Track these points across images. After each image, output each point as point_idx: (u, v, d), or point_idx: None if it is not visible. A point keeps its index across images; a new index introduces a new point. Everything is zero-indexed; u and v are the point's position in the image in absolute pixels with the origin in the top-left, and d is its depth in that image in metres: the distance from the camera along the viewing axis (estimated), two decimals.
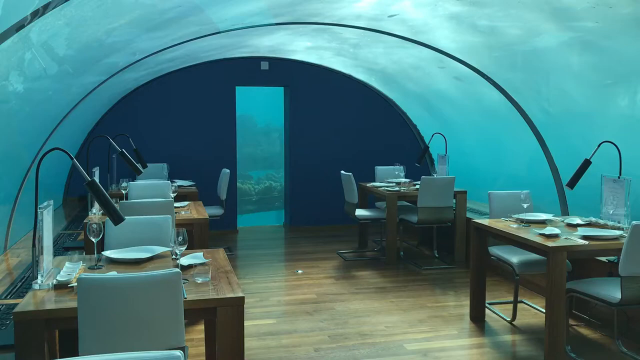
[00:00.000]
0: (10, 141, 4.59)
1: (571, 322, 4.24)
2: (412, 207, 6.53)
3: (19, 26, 2.98)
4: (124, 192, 5.51)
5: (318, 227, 8.21)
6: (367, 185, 6.94)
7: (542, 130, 5.43)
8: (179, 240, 2.97)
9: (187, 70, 7.85)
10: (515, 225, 4.23)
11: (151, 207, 4.36)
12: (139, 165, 5.24)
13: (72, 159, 2.77)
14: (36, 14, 2.99)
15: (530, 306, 4.88)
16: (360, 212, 6.67)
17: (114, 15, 4.06)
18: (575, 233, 3.92)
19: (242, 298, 2.62)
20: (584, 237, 3.78)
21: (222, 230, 7.76)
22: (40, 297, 2.57)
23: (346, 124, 8.43)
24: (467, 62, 5.58)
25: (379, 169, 7.45)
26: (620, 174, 4.08)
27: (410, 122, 8.50)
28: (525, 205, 4.46)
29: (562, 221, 4.39)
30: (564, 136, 5.30)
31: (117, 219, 2.80)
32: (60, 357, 2.69)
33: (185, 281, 2.75)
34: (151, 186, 5.58)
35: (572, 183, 4.34)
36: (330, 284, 5.66)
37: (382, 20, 5.21)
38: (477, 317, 4.58)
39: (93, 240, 3.03)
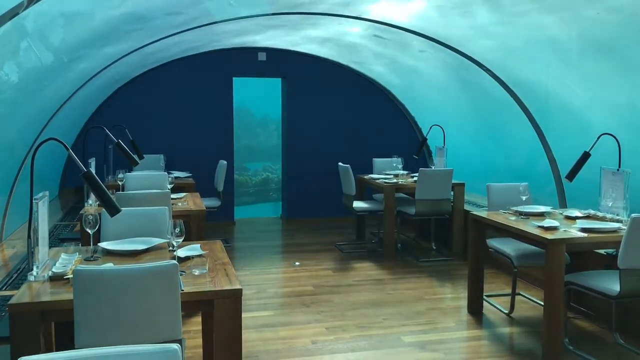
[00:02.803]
0: (5, 131, 4.55)
1: (569, 314, 4.24)
2: (410, 199, 6.52)
3: (13, 14, 2.94)
4: (120, 183, 5.47)
5: (315, 219, 8.20)
6: (365, 177, 6.92)
7: (541, 123, 5.41)
8: (176, 231, 2.94)
9: (184, 61, 7.80)
10: (513, 218, 4.22)
11: (148, 198, 4.34)
12: (135, 157, 5.20)
13: (67, 149, 2.74)
14: (31, 1, 2.94)
15: (528, 299, 4.88)
16: (358, 204, 6.65)
17: (109, 4, 4.01)
18: (573, 225, 3.91)
19: (240, 290, 2.60)
20: (583, 230, 3.77)
21: (219, 222, 7.73)
22: (35, 288, 2.55)
23: (344, 115, 8.40)
24: (467, 53, 5.55)
25: (377, 161, 7.43)
26: (619, 167, 4.07)
27: (408, 114, 8.47)
28: (523, 198, 4.45)
29: (561, 213, 4.38)
30: (563, 128, 5.28)
31: (113, 210, 2.77)
32: (56, 350, 2.67)
33: (182, 273, 2.73)
34: (148, 177, 5.55)
35: (571, 175, 4.33)
36: (328, 276, 5.65)
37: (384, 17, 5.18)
38: (475, 310, 4.57)
39: (89, 231, 3.01)
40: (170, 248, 3.10)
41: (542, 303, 3.85)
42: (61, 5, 3.51)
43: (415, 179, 6.38)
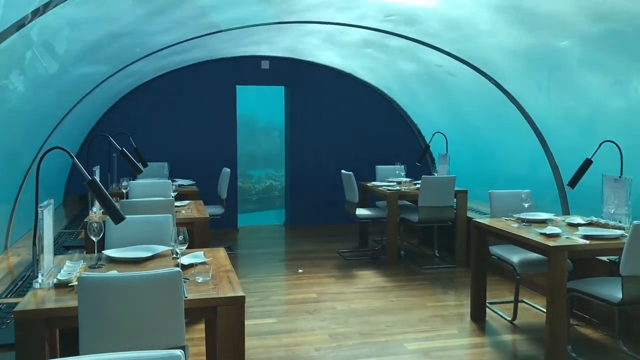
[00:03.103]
0: (10, 140, 4.58)
1: (572, 321, 4.23)
2: (412, 206, 6.53)
3: (20, 25, 2.98)
4: (124, 191, 5.50)
5: (318, 226, 8.20)
6: (368, 184, 6.94)
7: (543, 130, 5.42)
8: (180, 239, 2.96)
9: (188, 69, 7.84)
10: (516, 225, 4.23)
11: (152, 206, 4.36)
12: (139, 164, 5.23)
13: (72, 157, 2.77)
14: (37, 13, 2.99)
15: (531, 306, 4.88)
16: (360, 212, 6.66)
17: (114, 14, 4.05)
18: (576, 232, 3.91)
19: (243, 297, 2.62)
20: (585, 237, 3.78)
21: (223, 230, 7.75)
22: (40, 296, 2.57)
23: (347, 123, 8.42)
24: (468, 61, 5.57)
25: (380, 168, 7.44)
26: (621, 174, 4.07)
27: (410, 121, 8.49)
28: (526, 205, 4.45)
29: (563, 220, 4.38)
30: (565, 135, 5.29)
31: (117, 218, 2.79)
32: (60, 356, 2.69)
33: (186, 280, 2.75)
34: (152, 185, 5.58)
35: (573, 182, 4.33)
36: (331, 283, 5.66)
37: (384, 21, 5.21)
38: (478, 317, 4.57)
39: (93, 239, 3.03)
40: (174, 255, 3.11)
41: (545, 310, 3.85)
42: (66, 16, 3.55)
43: (418, 186, 6.39)
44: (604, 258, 4.30)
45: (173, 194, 5.33)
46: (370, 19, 5.25)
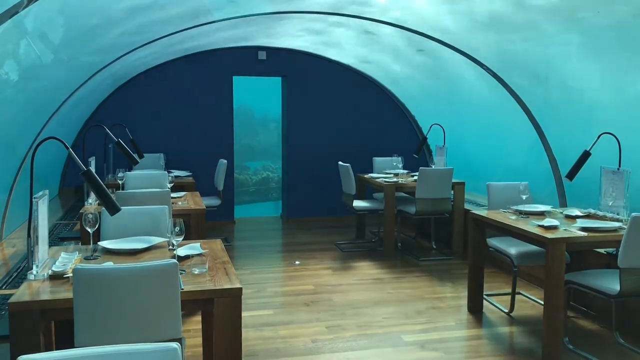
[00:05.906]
0: (5, 130, 4.54)
1: (569, 313, 4.24)
2: (410, 198, 6.52)
3: (13, 12, 2.93)
4: (120, 182, 5.47)
5: (315, 218, 8.19)
6: (365, 176, 6.92)
7: (541, 121, 5.41)
8: (176, 230, 2.94)
9: (184, 60, 7.79)
10: (513, 217, 4.22)
11: (148, 197, 4.33)
12: (135, 155, 5.20)
13: (67, 148, 2.74)
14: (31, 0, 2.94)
15: (528, 298, 4.88)
16: (358, 203, 6.65)
17: (110, 3, 4.01)
18: (574, 225, 3.90)
19: (240, 289, 2.60)
20: (583, 229, 3.77)
21: (219, 221, 7.73)
22: (35, 287, 2.55)
23: (344, 114, 8.39)
24: (464, 50, 5.54)
25: (377, 160, 7.43)
26: (619, 166, 4.07)
27: (408, 113, 8.47)
28: (523, 197, 4.44)
29: (561, 213, 4.38)
30: (563, 127, 5.27)
31: (113, 209, 2.77)
32: (56, 349, 2.67)
33: (182, 272, 2.73)
34: (148, 176, 5.55)
35: (571, 174, 4.32)
36: (328, 275, 5.65)
37: (383, 12, 5.17)
38: (475, 309, 4.57)
39: (89, 230, 3.01)
40: (170, 247, 3.09)
41: (542, 302, 3.85)
42: (61, 4, 3.50)
43: (415, 178, 6.38)
44: (602, 250, 4.29)
45: (169, 185, 5.30)
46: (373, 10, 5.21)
